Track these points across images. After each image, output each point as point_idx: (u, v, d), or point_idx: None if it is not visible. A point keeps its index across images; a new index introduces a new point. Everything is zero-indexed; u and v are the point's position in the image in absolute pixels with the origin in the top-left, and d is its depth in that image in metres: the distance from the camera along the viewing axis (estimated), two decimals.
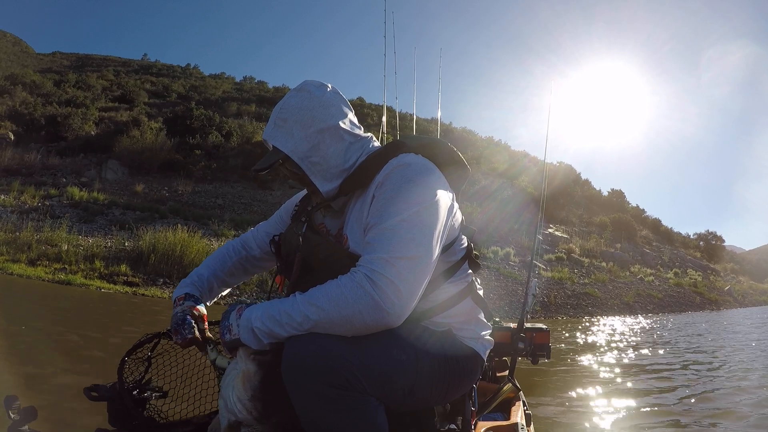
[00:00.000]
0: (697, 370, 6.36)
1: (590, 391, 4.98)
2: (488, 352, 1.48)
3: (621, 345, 8.86)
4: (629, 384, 5.38)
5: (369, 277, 1.15)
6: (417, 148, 1.38)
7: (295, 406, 1.14)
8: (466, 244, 1.46)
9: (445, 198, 1.30)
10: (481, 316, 1.45)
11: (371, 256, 1.18)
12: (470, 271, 1.48)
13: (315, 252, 1.34)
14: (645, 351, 8.17)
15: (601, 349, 8.12)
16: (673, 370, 6.38)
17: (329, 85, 1.46)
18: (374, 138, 1.51)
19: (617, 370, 6.30)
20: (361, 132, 1.47)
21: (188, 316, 1.49)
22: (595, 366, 6.51)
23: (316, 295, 1.17)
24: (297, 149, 1.36)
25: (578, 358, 7.12)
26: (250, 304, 1.26)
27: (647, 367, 6.58)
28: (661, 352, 8.09)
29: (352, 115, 1.47)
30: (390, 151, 1.38)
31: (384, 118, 2.65)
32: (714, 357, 7.66)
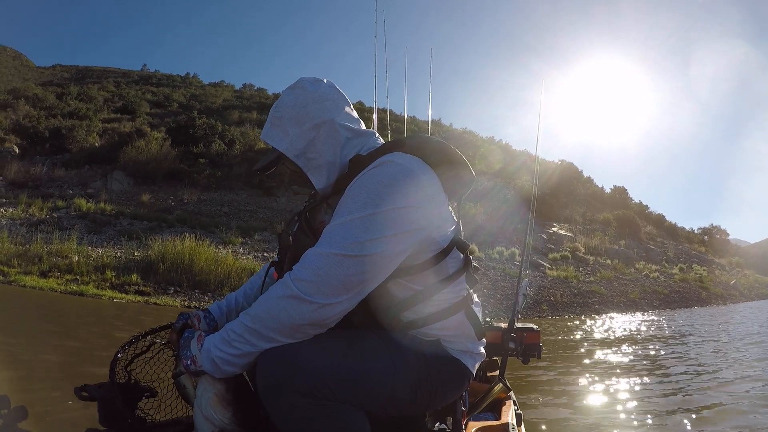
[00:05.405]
0: (695, 367, 6.31)
1: (583, 390, 4.97)
2: (477, 365, 1.43)
3: (619, 342, 8.87)
4: (623, 382, 5.35)
5: (294, 272, 1.15)
6: (415, 148, 1.30)
7: (273, 420, 1.15)
8: (462, 258, 1.38)
9: (420, 207, 1.22)
10: (472, 332, 1.38)
11: (308, 251, 1.19)
12: (466, 285, 1.40)
13: (302, 252, 1.27)
14: (644, 348, 8.15)
15: (599, 347, 8.13)
16: (671, 367, 6.33)
17: (325, 80, 1.43)
18: (378, 135, 1.46)
19: (612, 368, 6.27)
20: (361, 127, 1.43)
21: (187, 317, 1.51)
22: (590, 364, 6.51)
23: (253, 305, 1.18)
24: (292, 147, 1.35)
25: (573, 357, 7.14)
26: (209, 331, 1.27)
27: (644, 365, 6.55)
28: (660, 349, 8.06)
29: (349, 110, 1.43)
30: (386, 149, 1.32)
31: (375, 116, 2.67)
32: (714, 353, 7.62)
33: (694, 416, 3.99)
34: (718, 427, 3.74)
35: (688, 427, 3.74)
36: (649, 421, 3.90)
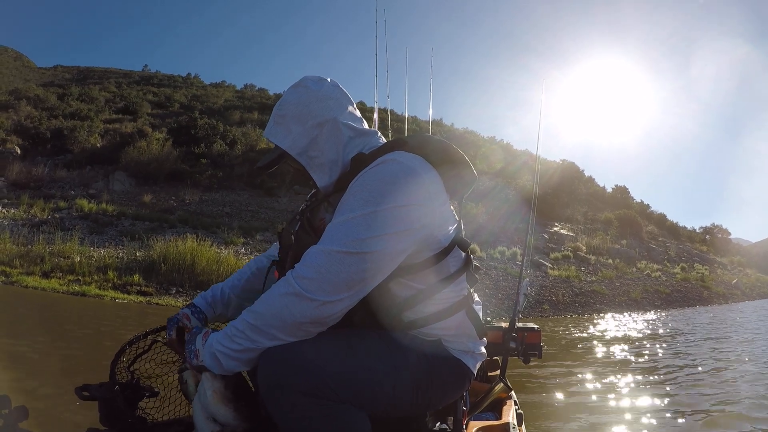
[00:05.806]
0: (695, 366, 6.30)
1: (584, 389, 4.97)
2: (478, 365, 1.44)
3: (621, 341, 8.84)
4: (624, 381, 5.34)
5: (296, 270, 1.16)
6: (416, 147, 1.30)
7: (274, 419, 1.16)
8: (463, 257, 1.39)
9: (421, 205, 1.22)
10: (473, 332, 1.38)
11: (310, 248, 1.19)
12: (467, 284, 1.40)
13: (304, 251, 1.27)
14: (645, 347, 8.12)
15: (600, 346, 8.11)
16: (672, 366, 6.32)
17: (328, 79, 1.43)
18: (381, 135, 1.46)
19: (613, 367, 6.25)
20: (363, 127, 1.43)
21: (176, 320, 1.53)
22: (591, 364, 6.50)
23: (256, 302, 1.18)
24: (295, 145, 1.35)
25: (574, 356, 7.12)
26: (215, 329, 1.28)
27: (645, 364, 6.53)
28: (662, 348, 8.04)
29: (352, 109, 1.44)
30: (388, 147, 1.33)
31: (375, 116, 2.67)
32: (714, 352, 7.60)
33: (694, 415, 3.99)
34: (717, 424, 3.74)
35: (688, 425, 3.75)
36: (651, 420, 3.91)
